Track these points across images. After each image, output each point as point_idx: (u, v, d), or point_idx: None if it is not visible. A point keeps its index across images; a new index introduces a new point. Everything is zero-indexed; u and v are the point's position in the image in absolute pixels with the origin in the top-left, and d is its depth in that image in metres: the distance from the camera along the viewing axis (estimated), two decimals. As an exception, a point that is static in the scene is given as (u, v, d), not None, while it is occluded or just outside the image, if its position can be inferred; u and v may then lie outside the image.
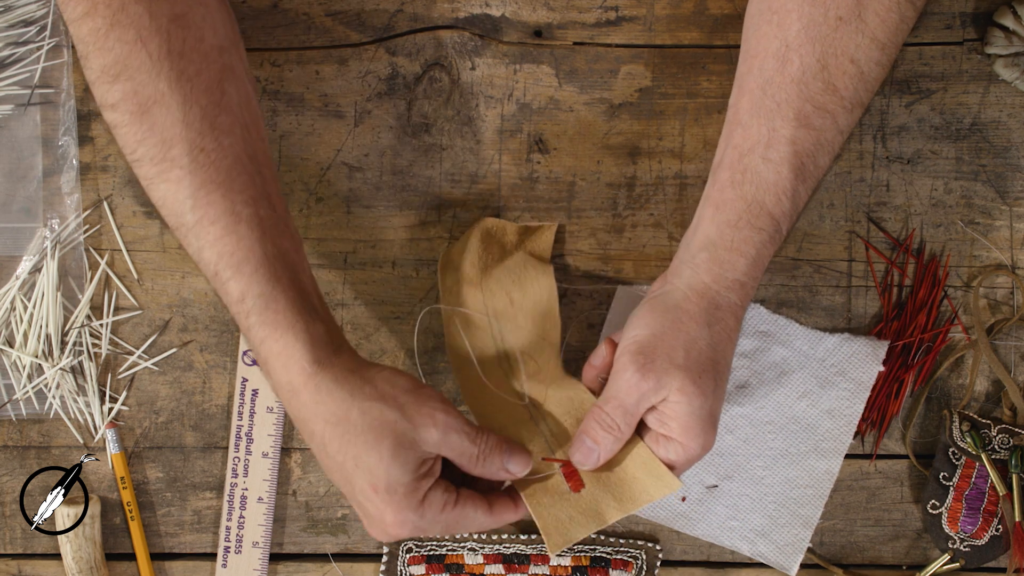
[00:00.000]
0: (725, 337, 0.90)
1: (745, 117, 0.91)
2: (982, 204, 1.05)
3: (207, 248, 0.87)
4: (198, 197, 0.86)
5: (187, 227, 0.87)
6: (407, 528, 0.86)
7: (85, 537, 1.03)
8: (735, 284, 0.90)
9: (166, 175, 0.87)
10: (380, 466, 0.84)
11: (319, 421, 0.85)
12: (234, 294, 0.86)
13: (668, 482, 0.90)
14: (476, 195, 1.04)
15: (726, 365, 0.90)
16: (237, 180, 0.87)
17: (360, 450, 0.84)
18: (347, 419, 0.85)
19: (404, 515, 0.85)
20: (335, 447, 0.85)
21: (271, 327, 0.86)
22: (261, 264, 0.86)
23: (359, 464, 0.84)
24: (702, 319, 0.89)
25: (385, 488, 0.84)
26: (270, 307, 0.86)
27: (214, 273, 0.87)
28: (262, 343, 0.86)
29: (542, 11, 1.04)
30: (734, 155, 0.91)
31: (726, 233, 0.90)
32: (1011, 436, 1.04)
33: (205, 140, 0.87)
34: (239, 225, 0.86)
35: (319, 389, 0.85)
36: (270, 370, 0.87)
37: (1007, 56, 1.02)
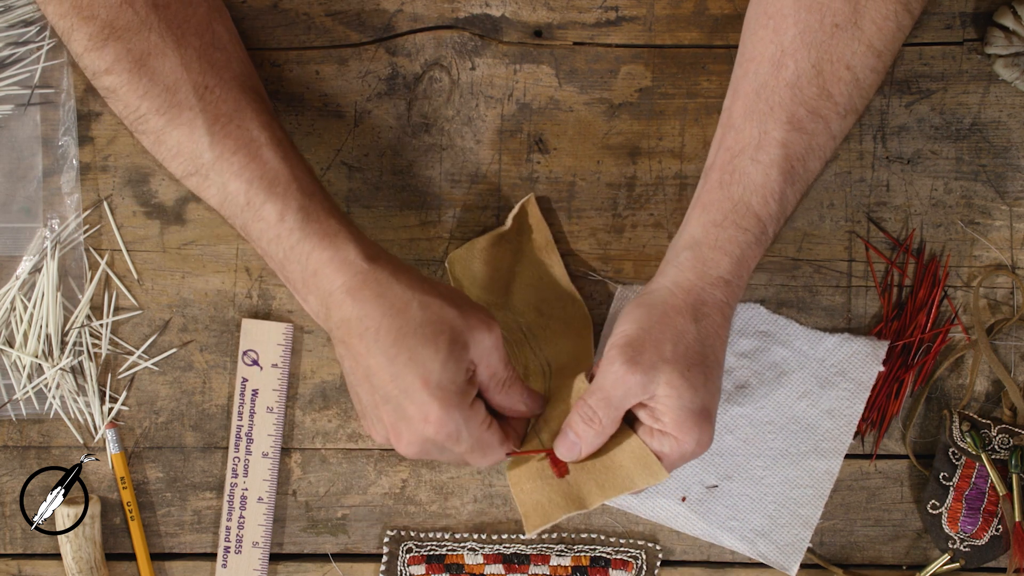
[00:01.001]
0: (713, 333, 0.90)
1: (738, 120, 0.91)
2: (982, 204, 1.05)
3: (233, 180, 0.88)
4: (214, 131, 0.88)
5: (208, 166, 0.88)
6: (446, 429, 0.85)
7: (85, 537, 1.03)
8: (719, 281, 0.90)
9: (177, 120, 0.88)
10: (436, 359, 0.84)
11: (377, 315, 0.85)
12: (271, 216, 0.87)
13: (655, 471, 0.89)
14: (476, 195, 1.04)
15: (716, 361, 0.90)
16: (247, 109, 0.90)
17: (417, 342, 0.84)
18: (406, 311, 0.85)
19: (451, 413, 0.85)
20: (390, 340, 0.85)
21: (319, 236, 0.87)
22: (292, 180, 0.88)
23: (414, 357, 0.84)
24: (689, 314, 0.89)
25: (437, 383, 0.84)
26: (312, 217, 0.87)
27: (246, 203, 0.88)
28: (309, 255, 0.87)
29: (542, 11, 1.04)
30: (725, 157, 0.91)
31: (711, 232, 0.91)
32: (1011, 436, 1.04)
33: (207, 78, 0.89)
34: (261, 149, 0.88)
35: (379, 282, 0.86)
36: (319, 281, 0.87)
37: (1007, 56, 1.02)
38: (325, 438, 1.05)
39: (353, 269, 0.87)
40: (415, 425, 0.86)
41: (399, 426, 0.87)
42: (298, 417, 1.05)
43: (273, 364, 1.03)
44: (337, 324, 0.88)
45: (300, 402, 1.05)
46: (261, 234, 0.89)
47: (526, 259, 1.03)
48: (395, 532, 1.05)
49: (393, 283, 0.87)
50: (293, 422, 1.05)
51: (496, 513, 1.05)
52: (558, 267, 1.03)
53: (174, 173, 0.92)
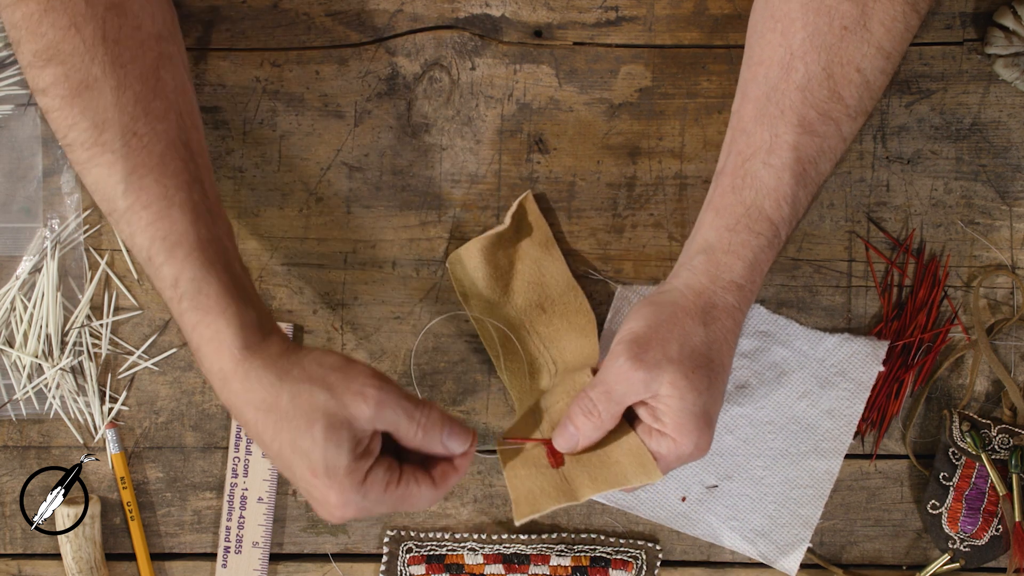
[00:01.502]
0: (721, 338, 0.90)
1: (749, 124, 0.91)
2: (982, 204, 1.05)
3: (139, 233, 0.86)
4: (130, 181, 0.86)
5: (119, 212, 0.86)
6: (351, 509, 0.84)
7: (85, 537, 1.03)
8: (732, 286, 0.90)
9: (98, 159, 0.86)
10: (315, 450, 0.82)
11: (250, 408, 0.84)
12: (167, 278, 0.86)
13: (650, 470, 0.89)
14: (476, 195, 1.04)
15: (721, 366, 0.90)
16: (170, 165, 0.87)
17: (294, 435, 0.82)
18: (277, 405, 0.83)
19: (347, 496, 0.83)
20: (269, 435, 0.83)
21: (203, 312, 0.85)
22: (194, 248, 0.86)
23: (295, 449, 0.83)
24: (698, 317, 0.89)
25: (324, 471, 0.82)
26: (202, 291, 0.85)
27: (147, 258, 0.86)
28: (194, 328, 0.85)
29: (542, 11, 1.04)
30: (737, 160, 0.91)
31: (724, 236, 0.90)
32: (1011, 436, 1.04)
33: (138, 125, 0.86)
34: (172, 209, 0.86)
35: (248, 375, 0.84)
36: (202, 357, 0.86)
37: (1007, 56, 1.02)
38: (325, 438, 1.05)
39: (228, 355, 0.84)
40: (325, 507, 0.84)
41: (315, 505, 0.85)
42: (298, 417, 1.05)
43: (273, 364, 1.03)
44: (225, 405, 0.87)
45: (300, 402, 1.05)
46: (161, 291, 0.87)
47: (526, 256, 1.03)
48: (395, 532, 1.05)
49: (263, 375, 0.84)
50: (293, 422, 1.05)
51: (496, 513, 1.05)
52: (559, 263, 1.03)
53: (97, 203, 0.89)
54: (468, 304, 1.03)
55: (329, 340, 1.04)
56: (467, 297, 1.03)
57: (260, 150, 1.04)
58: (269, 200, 1.04)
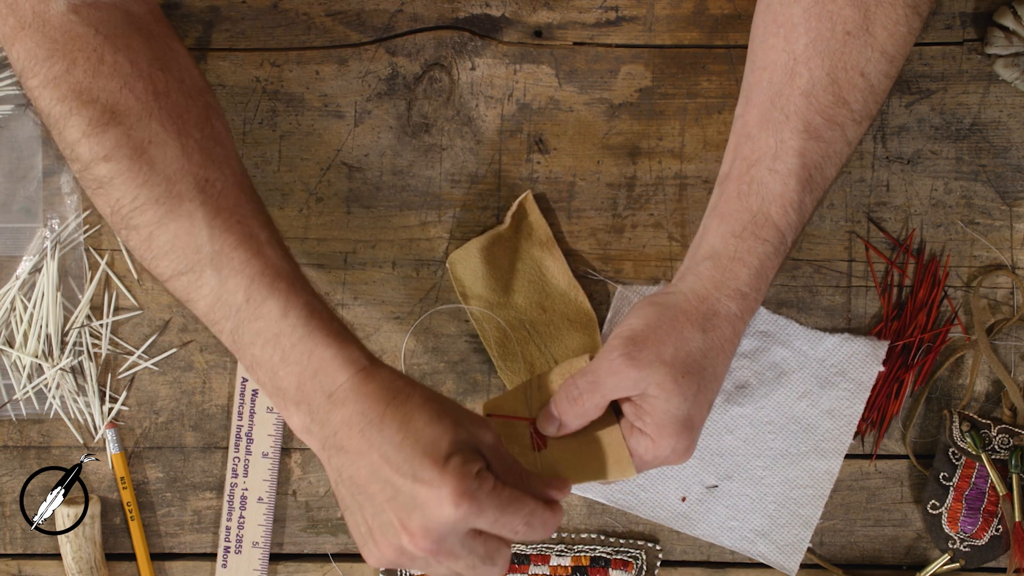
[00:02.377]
0: (719, 347, 0.89)
1: (753, 129, 0.91)
2: (982, 204, 1.05)
3: (233, 275, 0.84)
4: (215, 225, 0.84)
5: (204, 261, 0.84)
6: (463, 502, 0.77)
7: (85, 537, 1.03)
8: (736, 293, 0.90)
9: (176, 211, 0.84)
10: (445, 437, 0.78)
11: (381, 406, 0.80)
12: (274, 312, 0.83)
13: (624, 468, 0.89)
14: (476, 195, 1.04)
15: (714, 375, 0.89)
16: (247, 206, 0.86)
17: (422, 424, 0.79)
18: (410, 399, 0.80)
19: (467, 484, 0.77)
20: (395, 427, 0.79)
21: (324, 333, 0.83)
22: (295, 279, 0.85)
23: (420, 439, 0.78)
24: (698, 323, 0.89)
25: (444, 456, 0.78)
26: (317, 315, 0.83)
27: (245, 300, 0.84)
28: (312, 353, 0.82)
29: (542, 11, 1.04)
30: (742, 167, 0.91)
31: (730, 243, 0.90)
32: (1011, 436, 1.04)
33: (208, 171, 0.86)
34: (263, 247, 0.85)
35: (383, 377, 0.81)
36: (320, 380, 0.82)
37: (1007, 56, 1.02)
38: (325, 438, 1.05)
39: (357, 366, 0.82)
40: (430, 510, 0.78)
41: (411, 520, 0.79)
42: (298, 417, 1.05)
43: (273, 364, 1.03)
44: (335, 428, 0.82)
45: (300, 402, 1.05)
46: (256, 336, 0.84)
47: (527, 256, 1.03)
48: (395, 532, 1.05)
49: (396, 379, 0.82)
50: (293, 422, 1.05)
51: (496, 513, 1.05)
52: (559, 262, 1.03)
53: (162, 273, 0.87)
54: (468, 304, 1.03)
55: (329, 340, 1.04)
56: (467, 297, 1.03)
57: (260, 150, 1.04)
58: (269, 200, 1.04)
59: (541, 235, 1.03)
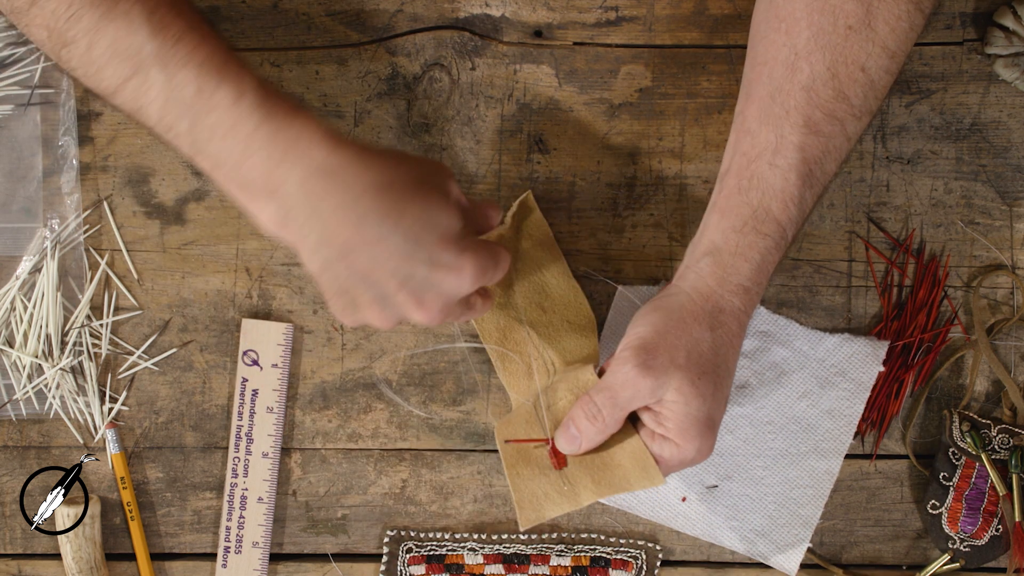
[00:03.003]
0: (727, 342, 0.90)
1: (753, 124, 0.91)
2: (982, 204, 1.05)
3: (180, 68, 0.80)
4: (154, 21, 0.81)
5: (149, 60, 0.81)
6: (480, 276, 0.83)
7: (85, 537, 1.03)
8: (739, 289, 0.90)
9: (112, 12, 0.81)
10: (446, 213, 0.82)
11: (369, 192, 0.79)
12: (227, 99, 0.79)
13: (652, 475, 0.90)
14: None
15: (727, 371, 0.90)
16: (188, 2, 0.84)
17: (423, 204, 0.81)
18: (397, 179, 0.81)
19: (483, 261, 0.83)
20: (396, 213, 0.80)
21: (283, 114, 0.80)
22: (243, 64, 0.82)
23: (427, 219, 0.81)
24: (705, 321, 0.89)
25: (456, 233, 0.82)
26: (271, 96, 0.81)
27: (196, 91, 0.80)
28: (275, 135, 0.80)
29: (542, 11, 1.04)
30: (742, 162, 0.91)
31: (731, 238, 0.90)
32: (1011, 436, 1.04)
33: None
34: (208, 35, 0.82)
35: (359, 158, 0.80)
36: (291, 163, 0.79)
37: (1007, 56, 1.02)
38: (325, 438, 1.05)
39: (327, 145, 0.79)
40: (448, 288, 0.83)
41: (426, 297, 0.82)
42: (298, 417, 1.05)
43: (273, 364, 1.03)
44: (325, 219, 0.79)
45: (300, 402, 1.05)
46: (214, 129, 0.80)
47: (526, 256, 1.03)
48: (395, 532, 1.05)
49: (370, 157, 0.81)
50: (293, 422, 1.05)
51: (496, 513, 1.05)
52: (559, 263, 1.03)
53: (108, 87, 0.83)
54: None
55: (329, 340, 1.04)
56: None
57: (260, 150, 1.04)
58: (269, 200, 1.04)
59: (541, 235, 1.03)
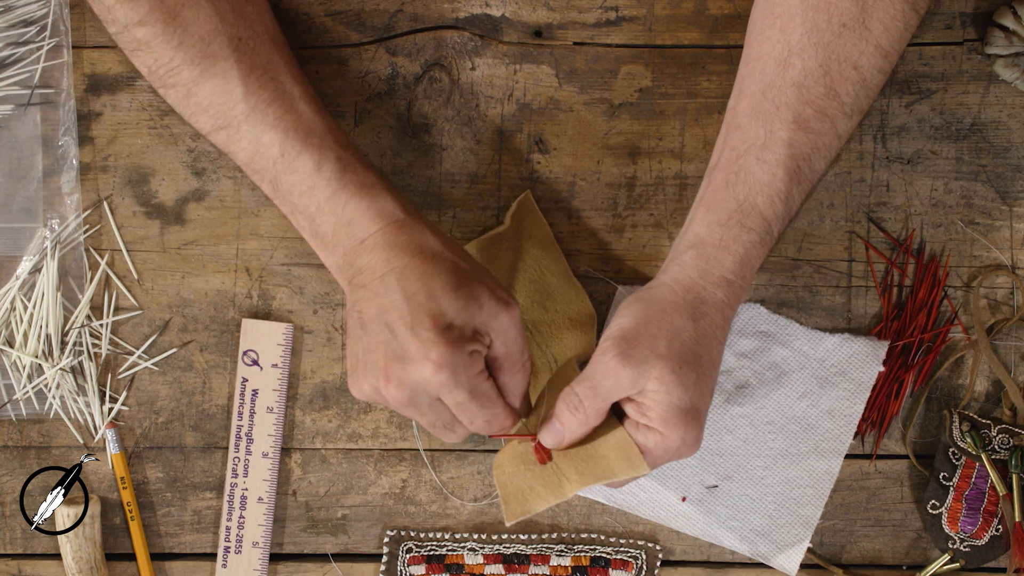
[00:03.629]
0: (710, 333, 0.89)
1: (743, 120, 0.91)
2: (982, 204, 1.05)
3: (267, 131, 0.88)
4: (249, 82, 0.89)
5: (240, 117, 0.89)
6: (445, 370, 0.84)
7: (85, 537, 1.03)
8: (721, 280, 0.90)
9: (211, 70, 0.88)
10: (454, 303, 0.85)
11: (406, 257, 0.86)
12: (308, 166, 0.88)
13: (636, 464, 0.89)
14: (476, 195, 1.04)
15: (710, 362, 0.89)
16: (280, 62, 0.91)
17: (439, 284, 0.85)
18: (437, 258, 0.86)
19: (454, 353, 0.84)
20: (413, 278, 0.85)
21: (356, 186, 0.88)
22: (328, 132, 0.89)
23: (432, 296, 0.85)
24: (686, 312, 0.89)
25: (447, 323, 0.84)
26: (349, 168, 0.88)
27: (280, 155, 0.89)
28: (346, 205, 0.88)
29: (542, 11, 1.04)
30: (730, 156, 0.91)
31: (715, 231, 0.90)
32: (1011, 436, 1.04)
33: (241, 30, 0.89)
34: (296, 102, 0.89)
35: (414, 230, 0.87)
36: (352, 230, 0.88)
37: (1007, 56, 1.02)
38: (325, 438, 1.05)
39: (390, 218, 0.88)
40: (412, 366, 0.84)
41: (392, 367, 0.85)
42: (298, 417, 1.05)
43: (273, 364, 1.03)
44: (360, 268, 0.88)
45: (300, 402, 1.05)
46: (293, 187, 0.89)
47: (527, 256, 1.03)
48: (395, 532, 1.05)
49: (428, 235, 0.88)
50: (293, 422, 1.05)
51: (496, 513, 1.05)
52: (559, 261, 1.03)
53: (201, 129, 0.92)
54: None
55: (329, 340, 1.04)
56: None
57: (260, 150, 1.04)
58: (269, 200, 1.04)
59: (541, 234, 1.03)
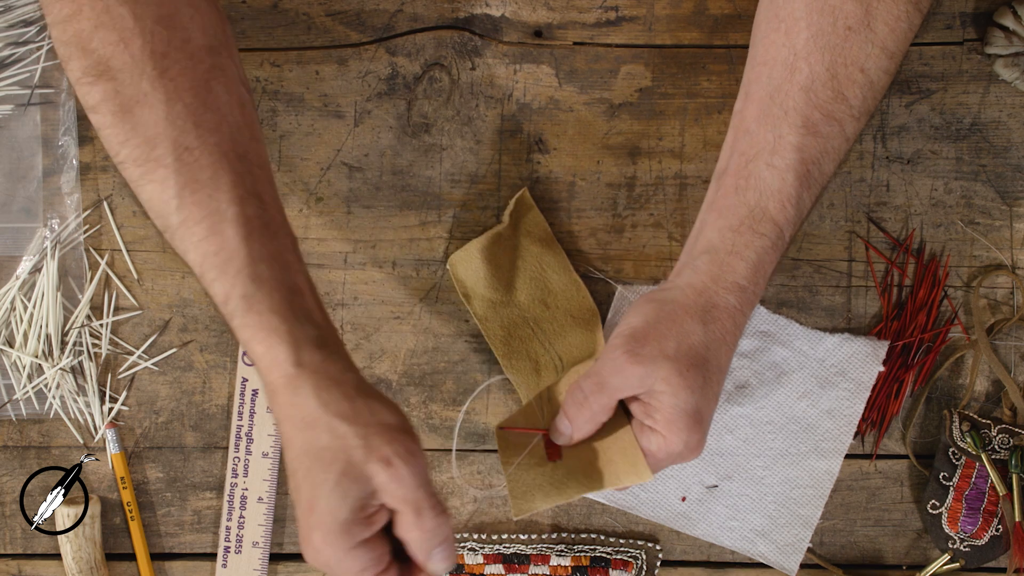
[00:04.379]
0: (720, 338, 0.89)
1: (752, 124, 0.91)
2: (982, 204, 1.05)
3: (192, 250, 0.84)
4: (183, 197, 0.84)
5: (173, 228, 0.85)
6: (323, 557, 0.81)
7: (85, 537, 1.03)
8: (734, 286, 0.90)
9: (151, 175, 0.84)
10: (323, 488, 0.80)
11: (289, 424, 0.82)
12: (219, 296, 0.84)
13: (640, 471, 0.89)
14: (476, 195, 1.04)
15: (718, 367, 0.89)
16: (223, 179, 0.84)
17: (314, 464, 0.81)
18: (313, 430, 0.81)
19: (326, 547, 0.81)
20: (294, 454, 0.82)
21: (254, 329, 0.83)
22: (245, 265, 0.83)
23: (308, 478, 0.81)
24: (697, 316, 0.89)
25: (319, 512, 0.80)
26: (253, 309, 0.83)
27: (200, 275, 0.85)
28: (247, 344, 0.84)
29: (542, 11, 1.04)
30: (740, 161, 0.91)
31: (727, 237, 0.90)
32: (1011, 436, 1.04)
33: (189, 138, 0.84)
34: (224, 225, 0.83)
35: (296, 392, 0.82)
36: (256, 368, 0.85)
37: (1007, 56, 1.02)
38: (325, 438, 1.05)
39: (279, 372, 0.82)
40: (305, 543, 0.82)
41: (300, 538, 0.83)
42: (298, 417, 1.05)
43: (273, 364, 1.03)
44: (274, 416, 0.87)
45: (300, 402, 1.05)
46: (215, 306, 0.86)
47: (527, 253, 1.03)
48: (395, 532, 1.05)
49: (310, 397, 0.82)
50: (293, 422, 1.05)
51: (496, 513, 1.05)
52: (559, 258, 1.03)
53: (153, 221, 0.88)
54: (471, 304, 1.03)
55: (329, 340, 1.04)
56: (469, 298, 1.03)
57: (260, 150, 1.04)
58: (269, 200, 1.04)
59: (540, 232, 1.03)
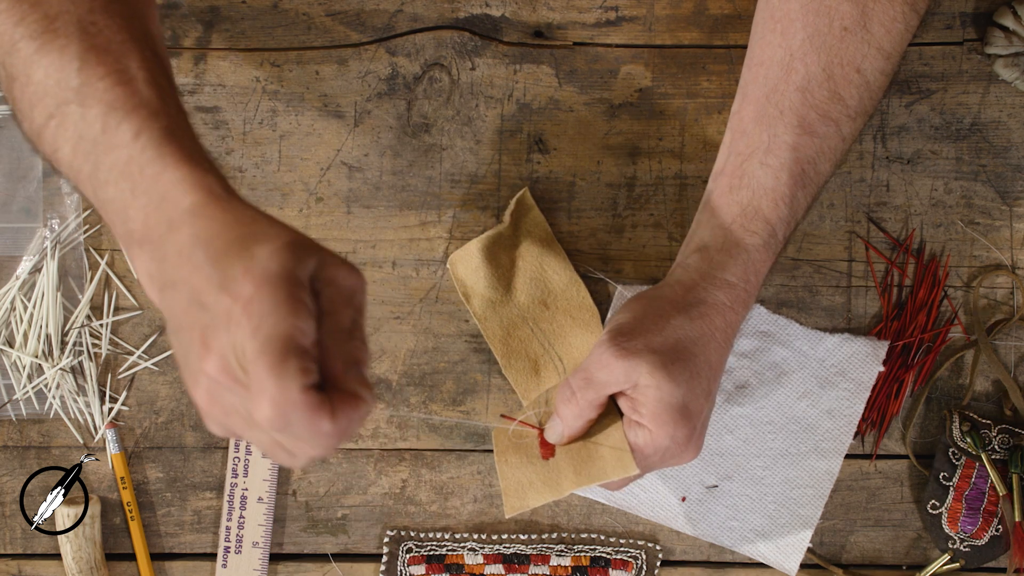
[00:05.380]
0: (708, 334, 0.89)
1: (748, 124, 0.91)
2: (982, 204, 1.05)
3: (94, 105, 0.75)
4: (87, 59, 0.76)
5: (71, 94, 0.76)
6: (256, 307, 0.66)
7: (85, 537, 1.03)
8: (723, 283, 0.90)
9: (48, 46, 0.76)
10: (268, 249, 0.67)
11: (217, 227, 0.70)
12: (127, 136, 0.74)
13: (625, 464, 0.89)
14: (476, 195, 1.04)
15: (707, 363, 0.89)
16: (132, 51, 0.77)
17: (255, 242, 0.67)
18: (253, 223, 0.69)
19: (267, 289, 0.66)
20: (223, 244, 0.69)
21: (176, 156, 0.73)
22: (160, 111, 0.75)
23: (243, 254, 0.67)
24: (684, 311, 0.89)
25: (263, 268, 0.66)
26: (175, 139, 0.74)
27: (101, 131, 0.74)
28: (160, 176, 0.72)
29: (542, 11, 1.04)
30: (735, 161, 0.91)
31: (718, 235, 0.90)
32: (1011, 436, 1.04)
33: (96, 16, 0.78)
34: (133, 80, 0.76)
35: (231, 203, 0.71)
36: (165, 208, 0.72)
37: (1007, 56, 1.02)
38: (325, 438, 1.05)
39: (208, 189, 0.71)
40: (218, 326, 0.67)
41: (204, 336, 0.68)
42: (298, 417, 1.05)
43: (273, 364, 1.03)
44: (169, 259, 0.71)
45: (300, 402, 1.05)
46: (111, 171, 0.74)
47: (527, 253, 1.03)
48: (395, 532, 1.05)
49: (249, 207, 0.71)
50: (293, 422, 1.05)
51: (496, 513, 1.05)
52: (560, 258, 1.03)
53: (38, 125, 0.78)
54: (471, 304, 1.03)
55: (329, 340, 1.04)
56: (469, 297, 1.03)
57: (260, 150, 1.04)
58: (269, 200, 1.04)
59: (540, 232, 1.03)
